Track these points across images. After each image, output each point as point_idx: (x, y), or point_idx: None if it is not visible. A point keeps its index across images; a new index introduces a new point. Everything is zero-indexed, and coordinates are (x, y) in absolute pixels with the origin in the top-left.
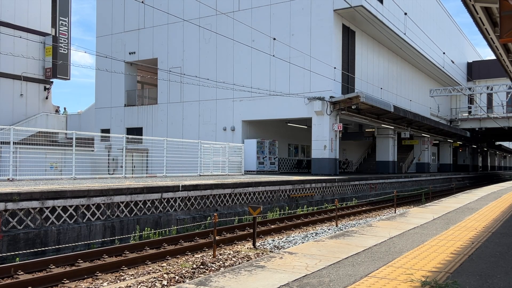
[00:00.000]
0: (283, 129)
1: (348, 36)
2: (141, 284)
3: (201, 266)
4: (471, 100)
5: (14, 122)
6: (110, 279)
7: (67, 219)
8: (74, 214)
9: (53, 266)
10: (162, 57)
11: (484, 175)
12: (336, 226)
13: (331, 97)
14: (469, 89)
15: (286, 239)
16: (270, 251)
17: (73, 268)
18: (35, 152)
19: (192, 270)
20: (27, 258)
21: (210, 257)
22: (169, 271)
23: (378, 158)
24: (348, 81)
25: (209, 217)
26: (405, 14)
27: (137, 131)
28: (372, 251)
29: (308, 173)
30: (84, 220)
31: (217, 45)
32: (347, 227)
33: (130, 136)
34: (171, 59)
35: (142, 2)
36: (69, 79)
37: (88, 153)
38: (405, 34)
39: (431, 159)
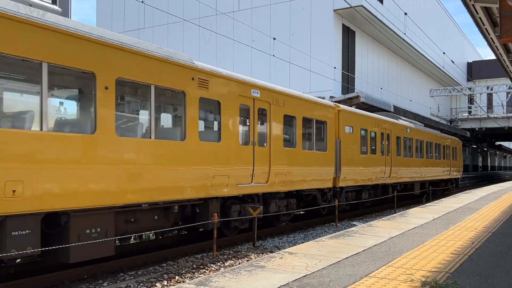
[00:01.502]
0: None
1: (348, 36)
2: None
3: (201, 266)
4: (471, 100)
5: None
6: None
7: None
8: None
9: None
10: None
11: (484, 175)
12: (336, 226)
13: (331, 97)
14: (469, 89)
15: (286, 239)
16: (270, 251)
17: None
18: None
19: (192, 270)
20: None
21: (210, 257)
22: (169, 271)
23: None
24: (348, 81)
25: None
26: (405, 14)
27: None
28: (372, 251)
29: None
30: None
31: (217, 45)
32: (347, 227)
33: None
34: None
35: (142, 2)
36: None
37: None
38: (405, 34)
39: None
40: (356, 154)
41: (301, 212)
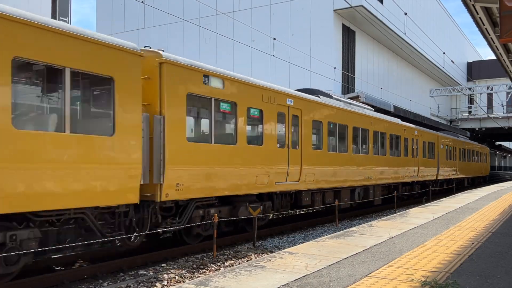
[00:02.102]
0: None
1: (348, 36)
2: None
3: (201, 266)
4: (471, 100)
5: None
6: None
7: None
8: None
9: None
10: None
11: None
12: (336, 226)
13: None
14: (469, 89)
15: (286, 239)
16: (270, 251)
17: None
18: None
19: (192, 270)
20: None
21: (210, 257)
22: (169, 271)
23: None
24: (348, 81)
25: None
26: (405, 14)
27: None
28: (372, 251)
29: None
30: None
31: (217, 45)
32: (347, 227)
33: None
34: None
35: (142, 2)
36: None
37: None
38: (405, 34)
39: None
40: (444, 160)
41: (301, 212)
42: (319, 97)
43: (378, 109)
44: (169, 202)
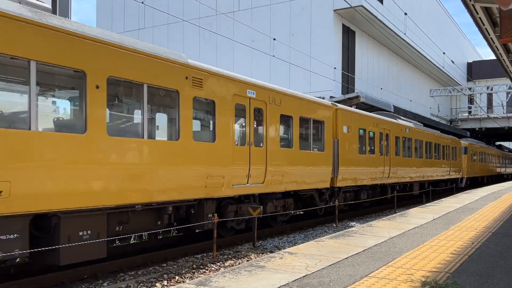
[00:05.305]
0: None
1: (348, 36)
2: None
3: (201, 266)
4: (471, 100)
5: None
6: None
7: None
8: None
9: None
10: None
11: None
12: (336, 226)
13: (331, 97)
14: (469, 89)
15: (286, 239)
16: (270, 251)
17: None
18: None
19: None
20: None
21: (210, 257)
22: (169, 271)
23: None
24: (348, 81)
25: None
26: (405, 14)
27: None
28: (372, 251)
29: None
30: None
31: (217, 45)
32: (347, 227)
33: None
34: None
35: (142, 2)
36: None
37: None
38: (405, 34)
39: None
40: (473, 164)
41: (301, 212)
42: (396, 119)
43: (377, 109)
44: (335, 188)
